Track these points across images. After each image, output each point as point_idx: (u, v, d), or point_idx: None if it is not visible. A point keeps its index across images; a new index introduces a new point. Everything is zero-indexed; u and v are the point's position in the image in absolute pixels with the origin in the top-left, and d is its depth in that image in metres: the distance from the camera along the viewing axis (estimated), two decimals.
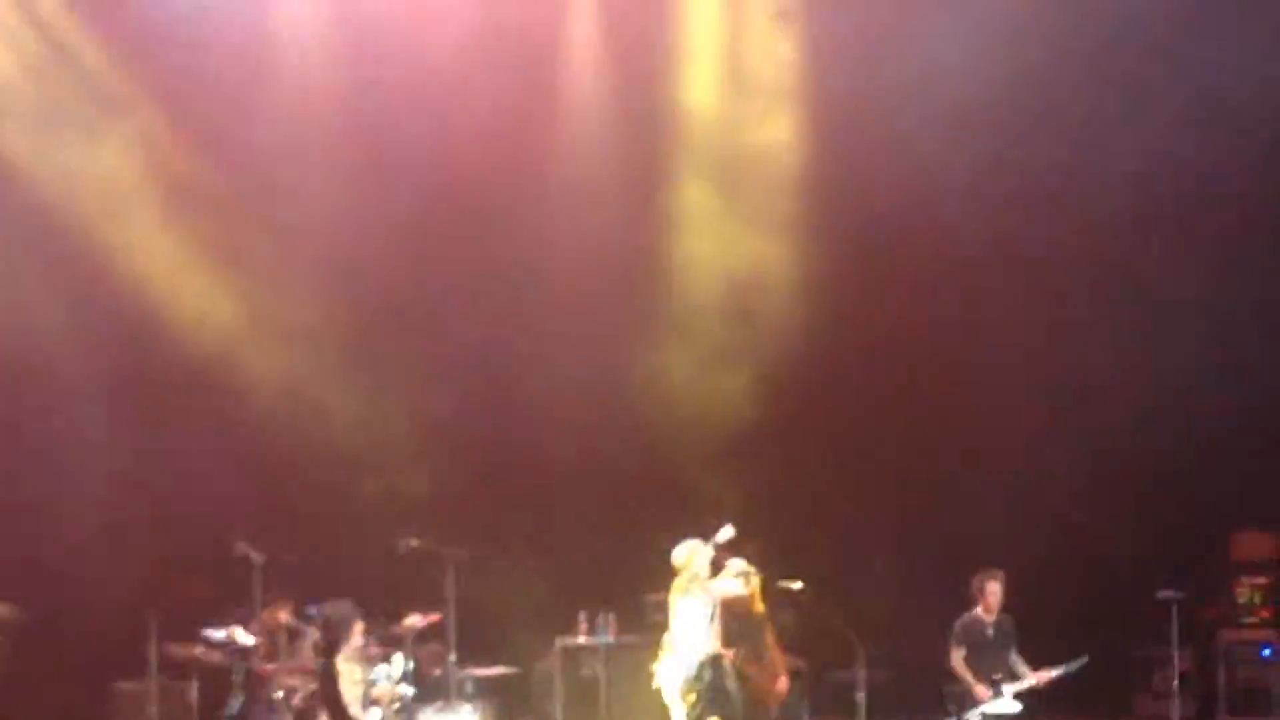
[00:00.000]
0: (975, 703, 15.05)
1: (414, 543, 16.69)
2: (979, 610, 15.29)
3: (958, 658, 15.20)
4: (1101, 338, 22.10)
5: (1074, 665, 15.35)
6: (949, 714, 15.26)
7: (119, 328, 18.66)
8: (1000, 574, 15.42)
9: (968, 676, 15.08)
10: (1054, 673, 15.26)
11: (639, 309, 20.03)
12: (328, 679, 14.09)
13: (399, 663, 15.03)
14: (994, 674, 15.06)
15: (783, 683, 15.69)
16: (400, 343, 19.59)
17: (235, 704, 15.60)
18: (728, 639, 15.35)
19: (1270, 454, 22.39)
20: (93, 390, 18.54)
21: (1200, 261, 20.76)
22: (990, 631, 15.22)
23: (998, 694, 15.03)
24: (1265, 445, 22.51)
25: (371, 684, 14.28)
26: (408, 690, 15.52)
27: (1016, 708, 15.09)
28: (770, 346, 20.24)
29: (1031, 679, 15.13)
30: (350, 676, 14.08)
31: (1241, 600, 21.67)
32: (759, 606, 15.66)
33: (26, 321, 17.92)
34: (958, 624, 15.34)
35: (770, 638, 15.73)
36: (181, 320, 18.63)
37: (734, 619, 15.42)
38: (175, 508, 18.47)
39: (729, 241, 20.25)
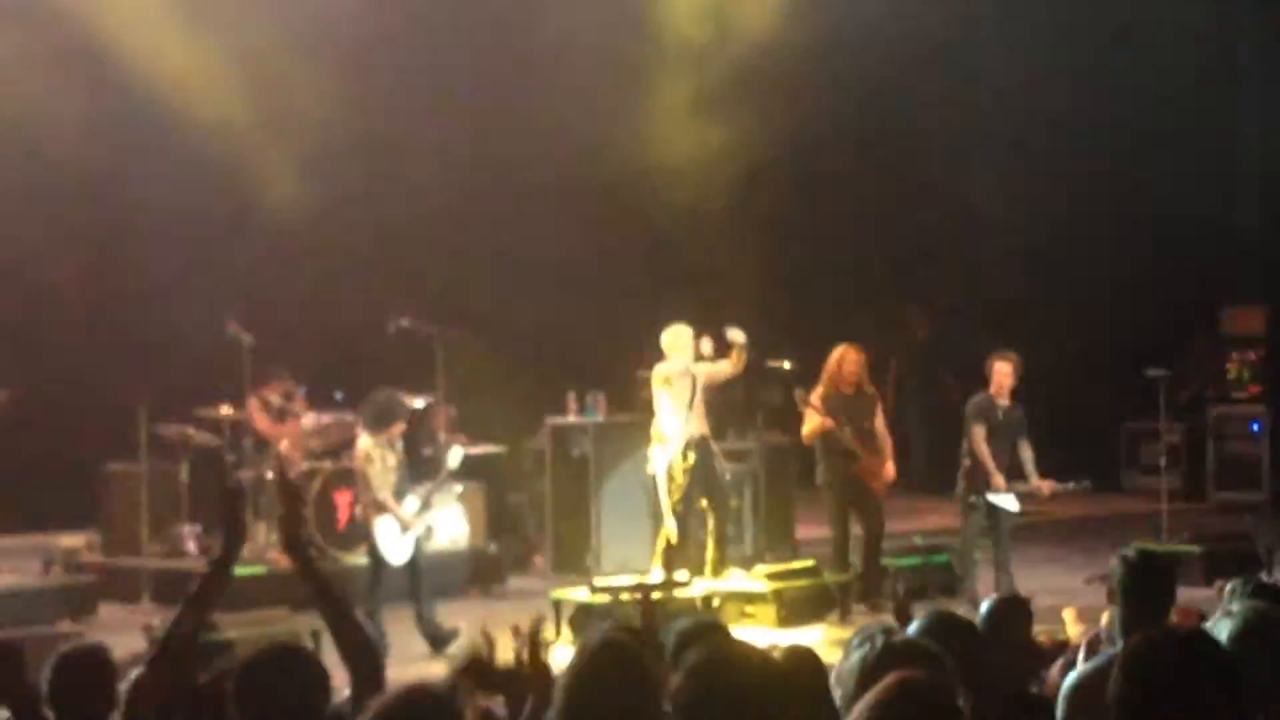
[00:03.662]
0: (990, 487, 14.95)
1: (404, 323, 16.62)
2: (991, 390, 15.17)
3: (978, 436, 15.01)
4: (1093, 109, 22.06)
5: (1080, 485, 15.38)
6: (965, 490, 15.17)
7: (115, 105, 18.32)
8: (1010, 356, 15.19)
9: (988, 461, 14.93)
10: (1058, 487, 15.22)
11: (633, 65, 19.67)
12: (361, 458, 14.07)
13: (458, 453, 14.96)
14: (1000, 458, 14.97)
15: (889, 466, 15.49)
16: (400, 123, 19.38)
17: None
18: (835, 416, 15.32)
19: (1263, 228, 22.44)
20: (89, 172, 18.25)
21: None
22: (1000, 415, 15.08)
23: (1010, 489, 14.97)
24: (1259, 217, 22.57)
25: (403, 472, 14.22)
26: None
27: (1017, 508, 15.07)
28: (772, 104, 19.96)
29: (1035, 486, 15.07)
30: (384, 463, 14.04)
31: (1231, 375, 21.76)
32: (869, 387, 15.55)
33: (34, 112, 17.48)
34: (971, 402, 15.23)
35: (880, 419, 15.57)
36: (179, 98, 18.15)
37: (842, 398, 15.37)
38: (168, 289, 18.38)
39: None
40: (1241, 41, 22.52)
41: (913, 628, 6.24)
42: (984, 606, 7.70)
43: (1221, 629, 5.79)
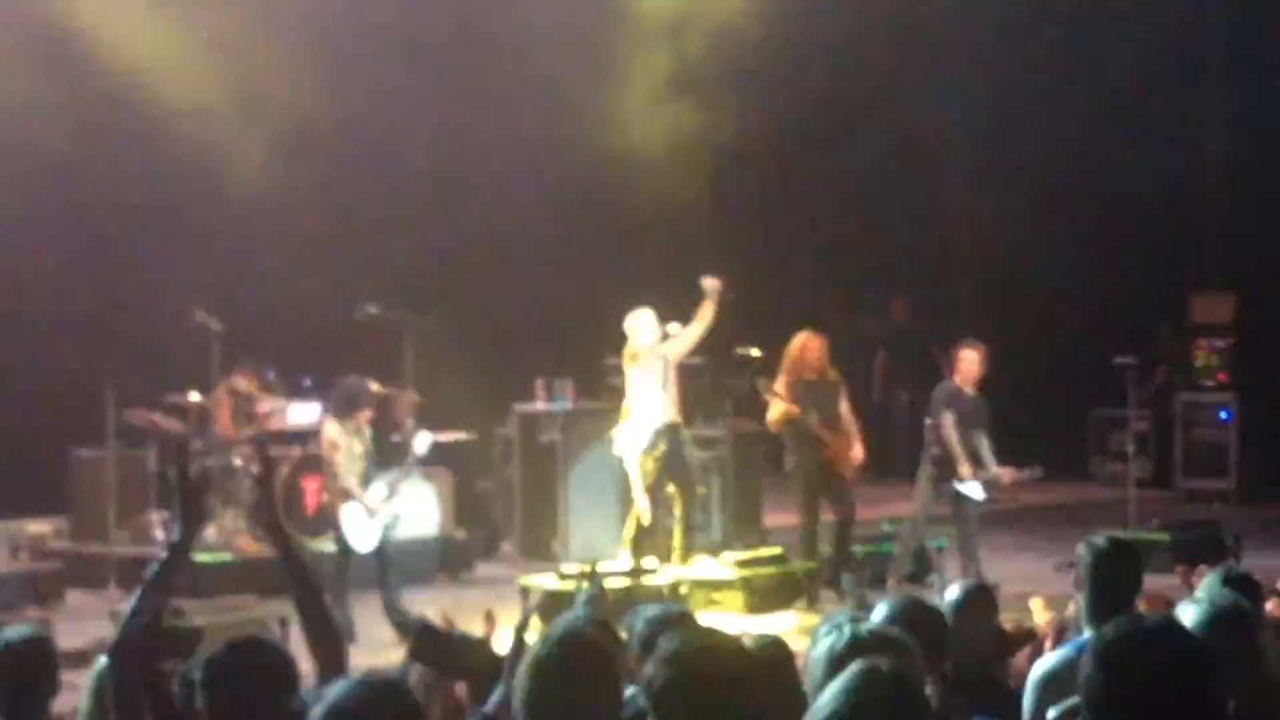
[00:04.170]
0: (956, 475, 14.93)
1: (372, 309, 16.53)
2: (957, 379, 15.16)
3: (948, 423, 14.99)
4: (1062, 98, 22.10)
5: (1034, 473, 15.40)
6: (934, 477, 15.16)
7: (84, 90, 18.18)
8: (978, 345, 15.19)
9: (958, 448, 14.90)
10: (1017, 475, 15.24)
11: (604, 50, 19.56)
12: (328, 444, 14.05)
13: (426, 439, 14.88)
14: (962, 447, 14.97)
15: (857, 450, 15.54)
16: (370, 110, 19.30)
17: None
18: (801, 404, 15.27)
19: (1230, 215, 22.51)
20: (56, 157, 18.11)
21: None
22: (965, 403, 15.08)
23: (975, 478, 14.96)
24: (1225, 205, 22.65)
25: (370, 459, 14.19)
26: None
27: (983, 496, 15.07)
28: (746, 89, 19.89)
29: (995, 474, 15.08)
30: (350, 450, 14.03)
31: (1199, 363, 21.81)
32: (833, 373, 15.57)
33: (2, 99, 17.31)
34: (939, 389, 15.21)
35: (845, 405, 15.57)
36: (147, 83, 17.99)
37: (806, 384, 15.35)
38: (137, 275, 18.29)
39: None
40: (1207, 31, 22.58)
41: (880, 615, 6.24)
42: (951, 594, 7.71)
43: (1187, 615, 5.79)
